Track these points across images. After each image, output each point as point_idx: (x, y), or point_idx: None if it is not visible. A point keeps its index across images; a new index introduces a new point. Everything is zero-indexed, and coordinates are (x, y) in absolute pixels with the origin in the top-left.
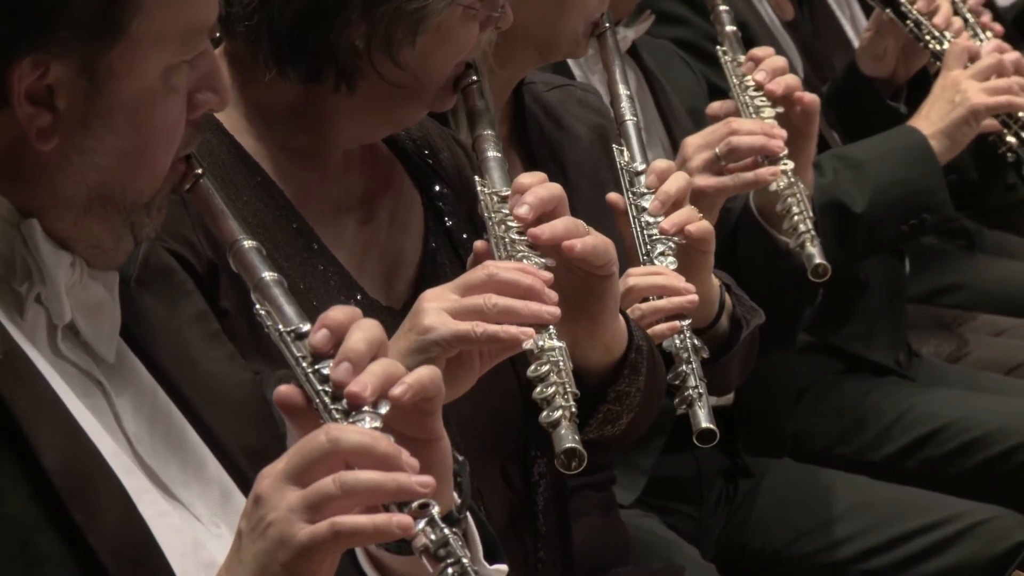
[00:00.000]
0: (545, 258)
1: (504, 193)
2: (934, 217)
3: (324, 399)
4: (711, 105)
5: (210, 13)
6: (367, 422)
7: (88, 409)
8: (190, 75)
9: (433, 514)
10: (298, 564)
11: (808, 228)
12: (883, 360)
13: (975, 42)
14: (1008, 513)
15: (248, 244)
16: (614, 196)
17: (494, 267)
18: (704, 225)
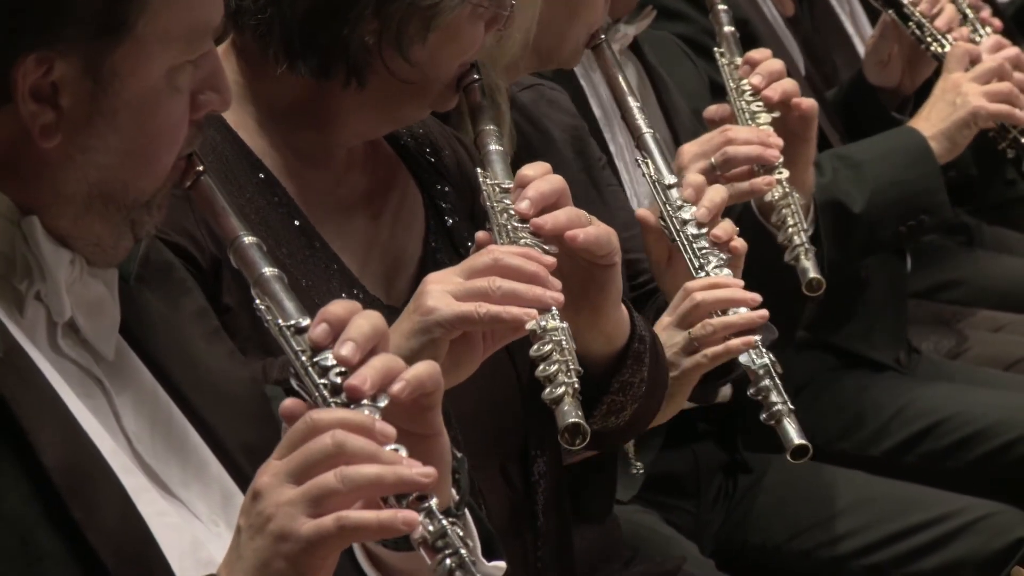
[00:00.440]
0: (547, 247)
1: (507, 185)
2: (933, 218)
3: (323, 392)
4: (708, 109)
5: (215, 14)
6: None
7: (88, 408)
8: (194, 75)
9: (432, 506)
10: (302, 558)
11: (803, 241)
12: (883, 359)
13: (975, 38)
14: (1008, 509)
15: (249, 240)
16: (644, 212)
17: (499, 252)
18: (744, 242)
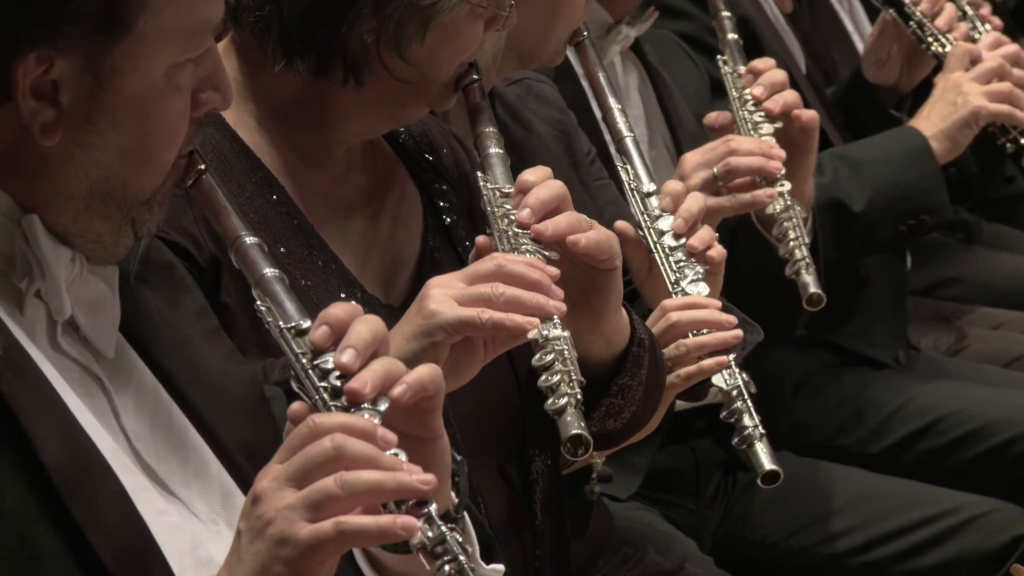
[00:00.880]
0: (548, 251)
1: (507, 190)
2: (933, 218)
3: (323, 395)
4: (708, 116)
5: (216, 12)
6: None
7: (87, 406)
8: (194, 73)
9: (431, 511)
10: (301, 562)
11: (804, 255)
12: (883, 357)
13: (974, 35)
14: (1007, 506)
15: (250, 240)
16: (623, 224)
17: (502, 259)
18: (722, 250)
